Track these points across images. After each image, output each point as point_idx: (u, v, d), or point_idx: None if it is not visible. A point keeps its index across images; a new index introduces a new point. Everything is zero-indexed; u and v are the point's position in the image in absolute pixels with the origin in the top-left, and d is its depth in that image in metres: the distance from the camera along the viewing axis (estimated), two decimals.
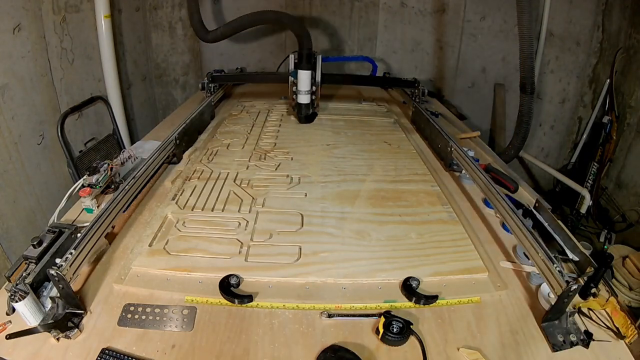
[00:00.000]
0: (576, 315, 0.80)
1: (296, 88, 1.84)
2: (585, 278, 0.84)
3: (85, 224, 0.91)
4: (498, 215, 1.13)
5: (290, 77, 1.86)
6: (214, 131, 1.78)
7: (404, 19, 2.70)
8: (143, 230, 1.05)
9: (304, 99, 1.84)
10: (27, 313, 0.75)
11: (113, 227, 1.05)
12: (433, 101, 2.32)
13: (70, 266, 0.78)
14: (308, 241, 1.01)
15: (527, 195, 1.31)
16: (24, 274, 0.80)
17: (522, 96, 1.72)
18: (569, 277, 0.75)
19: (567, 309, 0.78)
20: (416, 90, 2.09)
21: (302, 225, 1.08)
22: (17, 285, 0.76)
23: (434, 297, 0.84)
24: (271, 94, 2.29)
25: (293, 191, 1.27)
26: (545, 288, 0.86)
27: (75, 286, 0.83)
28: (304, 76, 1.79)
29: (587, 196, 2.39)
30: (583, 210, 2.43)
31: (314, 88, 1.84)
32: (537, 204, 1.13)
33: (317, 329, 0.79)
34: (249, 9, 2.66)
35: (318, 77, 1.84)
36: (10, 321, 0.77)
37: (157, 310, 0.81)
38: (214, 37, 2.15)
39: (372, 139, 1.71)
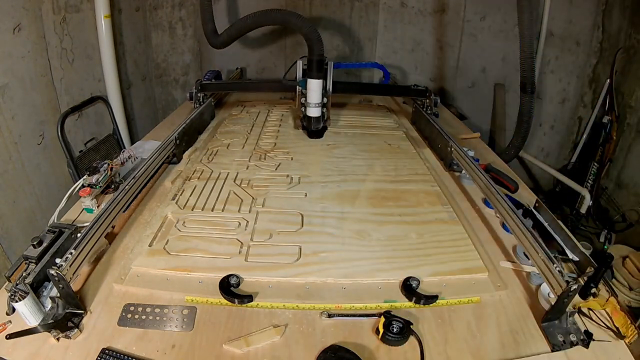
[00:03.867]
0: (576, 315, 0.80)
1: (305, 99, 1.65)
2: (585, 278, 0.84)
3: (85, 224, 0.92)
4: (498, 215, 1.12)
5: (298, 86, 1.67)
6: (214, 131, 1.78)
7: (404, 19, 2.70)
8: (143, 230, 1.05)
9: (314, 112, 1.64)
10: (27, 313, 0.75)
11: (113, 227, 1.05)
12: None
13: (70, 266, 0.78)
14: (308, 241, 1.01)
15: (527, 195, 1.30)
16: (24, 274, 0.80)
17: (523, 96, 1.72)
18: (569, 277, 0.75)
19: (567, 309, 0.78)
20: (427, 100, 1.91)
21: (302, 225, 1.08)
22: (17, 285, 0.76)
23: (434, 297, 0.84)
24: (271, 94, 2.29)
25: (293, 191, 1.27)
26: (545, 288, 0.86)
27: (75, 286, 0.83)
28: (315, 86, 1.59)
29: (587, 196, 2.39)
30: (583, 210, 2.42)
31: (324, 99, 1.64)
32: (537, 204, 1.13)
33: (317, 329, 0.79)
34: (249, 9, 2.68)
35: (329, 87, 1.65)
36: (10, 321, 0.77)
37: (157, 310, 0.81)
38: (221, 42, 2.01)
39: (372, 139, 1.71)
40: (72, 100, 1.97)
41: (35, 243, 0.87)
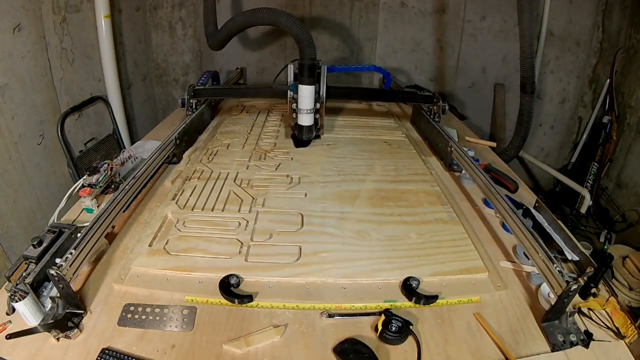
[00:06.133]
0: (576, 315, 0.80)
1: (296, 106, 1.54)
2: (585, 278, 0.84)
3: (85, 224, 0.91)
4: (498, 215, 1.12)
5: (289, 91, 1.56)
6: (214, 131, 1.78)
7: (404, 19, 2.70)
8: (143, 230, 1.05)
9: (305, 119, 1.53)
10: (27, 313, 0.75)
11: (113, 227, 1.05)
12: None
13: (70, 266, 0.78)
14: (308, 241, 1.01)
15: (527, 195, 1.30)
16: (24, 274, 0.80)
17: (523, 96, 1.72)
18: (569, 277, 0.75)
19: (567, 309, 0.78)
20: (435, 107, 1.75)
21: (302, 225, 1.08)
22: (17, 285, 0.76)
23: (434, 297, 0.84)
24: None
25: (293, 191, 1.27)
26: (545, 288, 0.86)
27: (75, 286, 0.83)
28: (306, 92, 1.49)
29: (587, 196, 2.39)
30: (583, 210, 2.43)
31: (317, 105, 1.53)
32: (537, 204, 1.13)
33: (317, 329, 0.79)
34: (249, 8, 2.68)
35: (322, 93, 1.54)
36: (10, 321, 0.77)
37: (157, 310, 0.81)
38: (215, 43, 1.99)
39: (372, 138, 1.71)
40: (72, 100, 1.97)
41: (35, 243, 0.87)
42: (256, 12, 1.53)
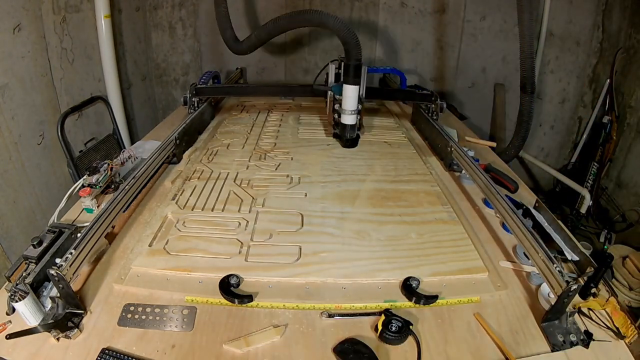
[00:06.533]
0: (576, 315, 0.80)
1: (339, 106, 1.56)
2: (585, 278, 0.84)
3: (85, 224, 0.91)
4: (498, 215, 1.12)
5: (330, 92, 1.59)
6: (214, 131, 1.78)
7: (404, 19, 2.70)
8: (143, 230, 1.05)
9: (349, 119, 1.55)
10: (27, 313, 0.75)
11: (113, 227, 1.05)
12: None
13: (70, 266, 0.78)
14: (308, 241, 1.02)
15: (527, 195, 1.30)
16: (24, 274, 0.80)
17: (523, 96, 1.72)
18: (569, 277, 0.75)
19: (567, 309, 0.78)
20: (433, 105, 1.79)
21: (302, 225, 1.08)
22: (17, 285, 0.76)
23: (434, 297, 0.84)
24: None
25: (293, 191, 1.27)
26: (545, 288, 0.86)
27: (75, 286, 0.83)
28: (352, 93, 1.51)
29: (587, 196, 2.39)
30: (583, 210, 2.43)
31: (359, 106, 1.56)
32: (537, 204, 1.13)
33: (317, 329, 0.79)
34: (248, 8, 2.69)
35: (363, 93, 1.56)
36: (10, 321, 0.77)
37: (157, 310, 0.81)
38: (248, 45, 1.91)
39: (372, 138, 1.71)
40: (72, 100, 1.97)
41: (35, 243, 0.87)
42: (304, 14, 1.55)
